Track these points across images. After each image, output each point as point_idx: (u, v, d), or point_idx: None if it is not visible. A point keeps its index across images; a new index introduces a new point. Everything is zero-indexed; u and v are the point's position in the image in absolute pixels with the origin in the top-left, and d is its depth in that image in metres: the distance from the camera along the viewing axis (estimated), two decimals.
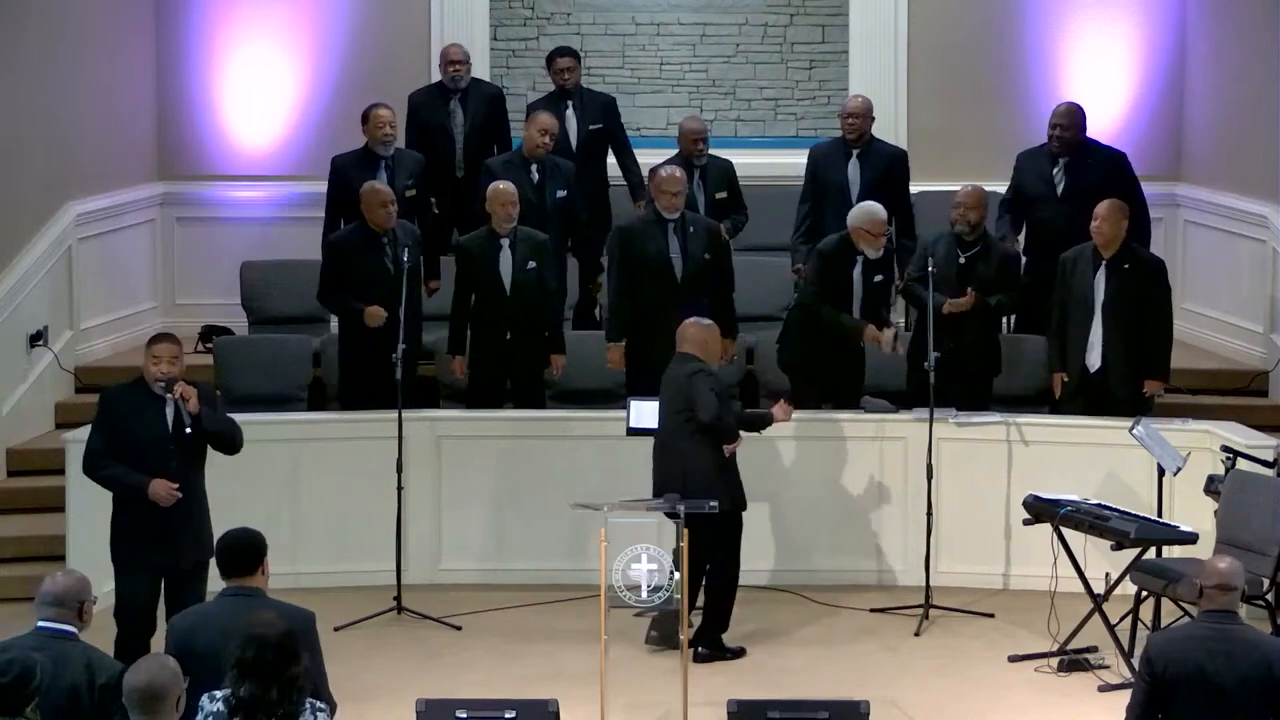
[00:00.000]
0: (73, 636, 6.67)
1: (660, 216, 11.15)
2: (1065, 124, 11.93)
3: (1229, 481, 9.93)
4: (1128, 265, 10.99)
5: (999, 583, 11.01)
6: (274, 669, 6.06)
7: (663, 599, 8.72)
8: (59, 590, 6.72)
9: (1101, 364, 11.03)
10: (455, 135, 12.52)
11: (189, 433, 8.72)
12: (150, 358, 8.79)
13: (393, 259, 11.04)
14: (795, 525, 11.12)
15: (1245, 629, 7.14)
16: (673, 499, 9.32)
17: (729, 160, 12.34)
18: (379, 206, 11.09)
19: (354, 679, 9.02)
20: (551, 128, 11.91)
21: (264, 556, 6.92)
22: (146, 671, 5.96)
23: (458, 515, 11.13)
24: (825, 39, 13.82)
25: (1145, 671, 7.04)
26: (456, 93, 12.53)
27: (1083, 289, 11.04)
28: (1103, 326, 11.00)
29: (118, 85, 13.17)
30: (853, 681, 9.44)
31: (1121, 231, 10.97)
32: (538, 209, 11.62)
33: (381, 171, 11.80)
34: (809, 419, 11.15)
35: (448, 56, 12.57)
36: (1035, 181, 11.97)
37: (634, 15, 13.83)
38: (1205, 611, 7.08)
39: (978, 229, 11.27)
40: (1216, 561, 7.15)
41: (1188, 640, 7.04)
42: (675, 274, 11.13)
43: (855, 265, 11.13)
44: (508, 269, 11.16)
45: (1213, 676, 6.90)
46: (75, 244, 12.58)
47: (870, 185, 11.89)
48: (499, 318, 11.17)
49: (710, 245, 11.23)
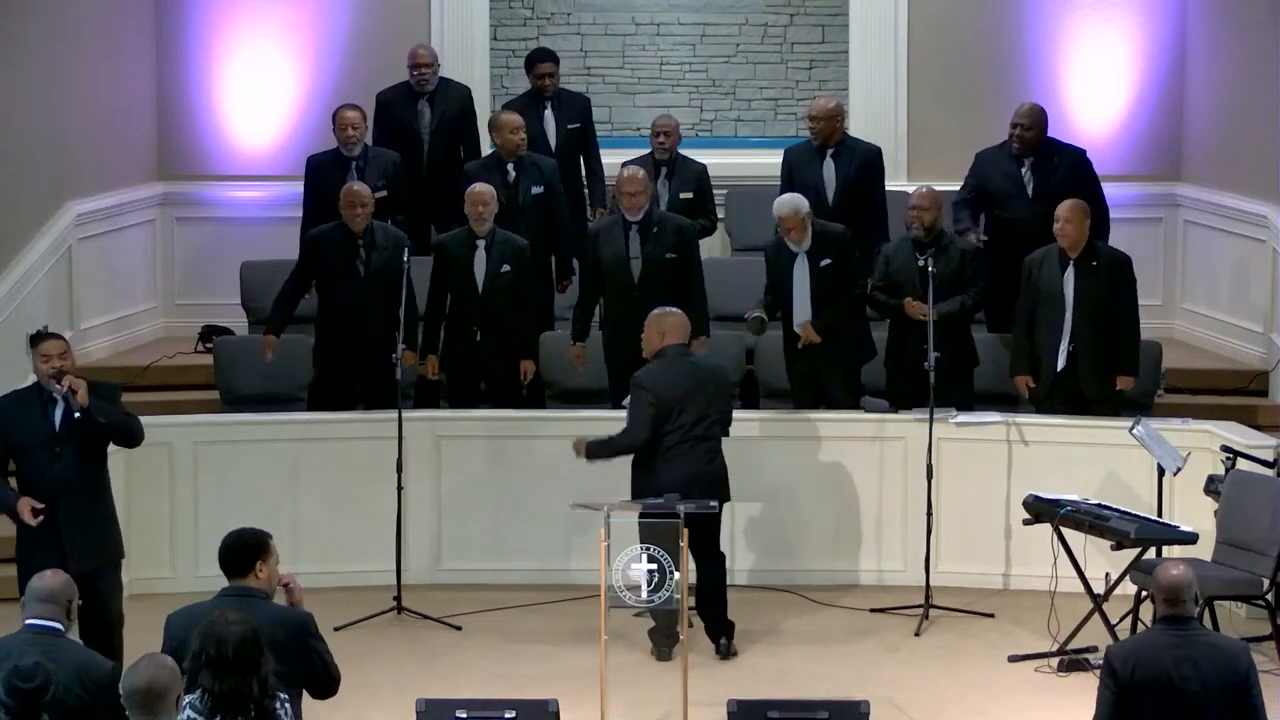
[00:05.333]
0: (61, 634, 6.68)
1: (624, 217, 11.17)
2: (1028, 124, 11.90)
3: (1229, 481, 9.94)
4: (1095, 263, 11.00)
5: (999, 583, 11.01)
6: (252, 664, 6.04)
7: (663, 599, 8.72)
8: (50, 588, 6.74)
9: (1068, 363, 11.02)
10: (422, 135, 12.55)
11: (77, 416, 8.62)
12: (39, 356, 8.79)
13: (365, 260, 11.08)
14: (795, 525, 11.11)
15: (1204, 632, 7.20)
16: (673, 499, 9.31)
17: (704, 165, 12.34)
18: (348, 208, 11.14)
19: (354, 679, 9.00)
20: (519, 124, 11.91)
21: (259, 557, 6.88)
22: (146, 672, 5.96)
23: (458, 515, 11.13)
24: (825, 39, 13.82)
25: (1110, 680, 7.01)
26: (424, 93, 12.56)
27: (1051, 289, 11.03)
28: (1073, 326, 10.99)
29: (118, 85, 13.17)
30: (853, 681, 9.45)
31: (1085, 230, 10.99)
32: (510, 209, 11.62)
33: (353, 172, 11.87)
34: (809, 419, 11.16)
35: (414, 59, 12.59)
36: (1001, 180, 11.93)
37: (634, 15, 13.83)
38: (1161, 619, 7.10)
39: (934, 230, 11.26)
40: (1169, 568, 7.15)
41: (1151, 646, 7.04)
42: (632, 275, 11.11)
43: (794, 260, 11.12)
44: (481, 270, 11.18)
45: (1180, 682, 6.91)
46: (75, 244, 12.58)
47: (845, 184, 11.89)
48: (470, 319, 11.20)
49: (677, 245, 11.19)
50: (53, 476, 8.69)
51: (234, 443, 11.08)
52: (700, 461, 9.80)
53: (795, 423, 11.18)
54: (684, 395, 9.82)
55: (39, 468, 8.72)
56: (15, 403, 8.93)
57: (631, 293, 11.01)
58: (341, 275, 11.17)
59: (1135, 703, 6.95)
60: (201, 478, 10.96)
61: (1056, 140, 12.10)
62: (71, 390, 8.64)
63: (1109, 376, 11.02)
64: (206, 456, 10.98)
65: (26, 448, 8.75)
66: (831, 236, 11.17)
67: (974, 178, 12.06)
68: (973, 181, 12.06)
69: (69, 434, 8.71)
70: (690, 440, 9.79)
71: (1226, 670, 6.94)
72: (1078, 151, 12.06)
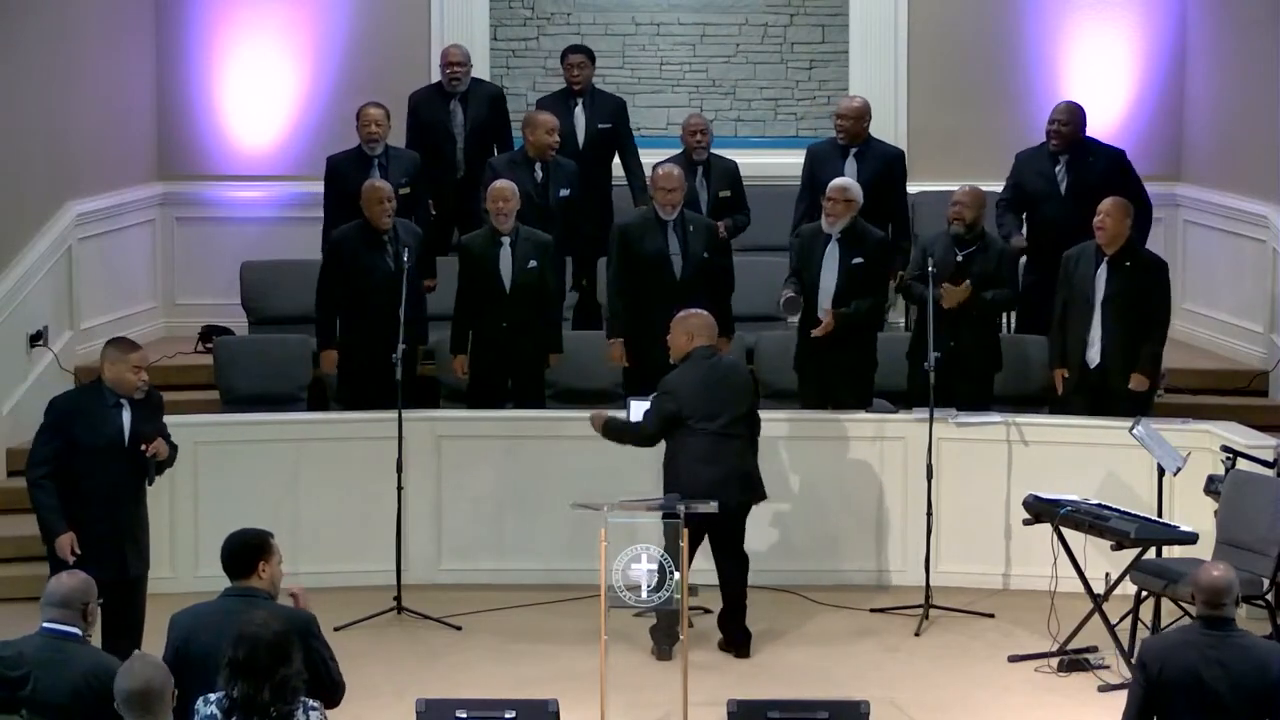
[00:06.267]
0: (77, 638, 6.68)
1: (659, 215, 11.16)
2: (1064, 120, 11.95)
3: (1229, 481, 9.93)
4: (1129, 263, 10.99)
5: (999, 583, 11.01)
6: (267, 669, 6.06)
7: (663, 599, 8.73)
8: (65, 592, 6.73)
9: (1101, 360, 11.03)
10: (456, 135, 12.53)
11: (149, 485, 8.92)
12: (130, 367, 8.85)
13: (393, 256, 11.05)
14: (795, 525, 11.12)
15: (1240, 634, 7.12)
16: (673, 499, 9.32)
17: (734, 161, 12.34)
18: (375, 204, 11.10)
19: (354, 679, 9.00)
20: (556, 126, 11.91)
21: (262, 557, 6.90)
22: (140, 674, 5.96)
23: (458, 515, 11.13)
24: (825, 39, 13.82)
25: (1140, 676, 7.03)
26: (456, 94, 12.54)
27: (1084, 285, 11.04)
28: (1102, 323, 11.00)
29: (118, 85, 13.17)
30: (853, 681, 9.45)
31: (1125, 229, 10.97)
32: (541, 208, 11.62)
33: (374, 170, 11.84)
34: (809, 419, 11.16)
35: (447, 58, 12.57)
36: (1037, 180, 11.97)
37: (634, 15, 13.83)
38: (1202, 618, 7.08)
39: (975, 228, 11.25)
40: (1210, 569, 7.13)
41: (1183, 645, 7.04)
42: (675, 272, 11.14)
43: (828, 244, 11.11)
44: (508, 268, 11.16)
45: (1209, 682, 6.90)
46: (75, 244, 12.58)
47: (867, 185, 11.88)
48: (499, 316, 11.17)
49: (709, 244, 11.24)
50: (115, 482, 8.78)
51: (234, 443, 11.08)
52: (731, 459, 9.84)
53: (795, 423, 11.18)
54: (712, 398, 9.86)
55: (98, 471, 8.77)
56: (83, 403, 8.94)
57: (674, 290, 10.99)
58: (369, 274, 11.10)
59: (1164, 700, 6.95)
60: (201, 478, 10.95)
61: (1094, 140, 12.10)
62: (155, 455, 8.83)
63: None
64: (206, 456, 10.98)
65: (92, 450, 8.78)
66: (870, 237, 11.15)
67: (1013, 178, 12.09)
68: (1011, 182, 12.11)
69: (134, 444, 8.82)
70: (720, 440, 9.83)
71: (1255, 674, 6.91)
72: (1116, 151, 12.07)
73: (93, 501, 8.77)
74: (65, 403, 9.00)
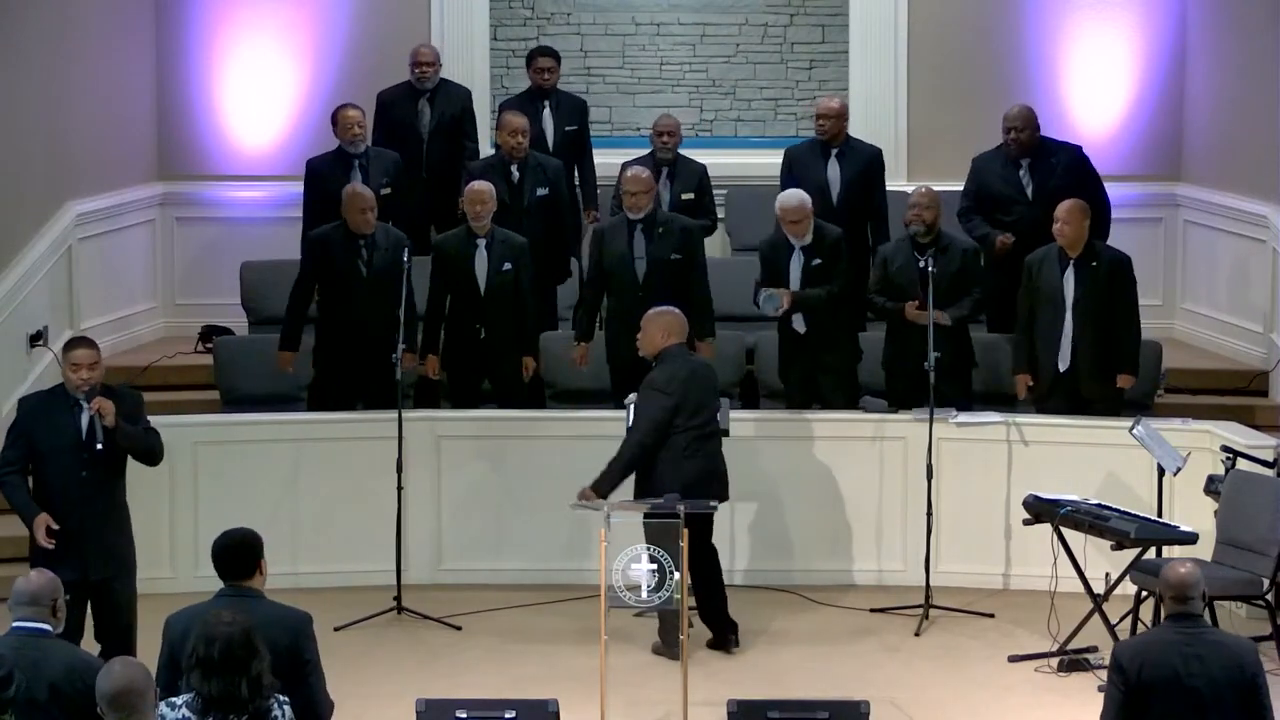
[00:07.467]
0: (49, 635, 6.68)
1: (628, 217, 11.17)
2: (1020, 126, 11.89)
3: (1229, 481, 9.94)
4: (1095, 263, 11.00)
5: (999, 583, 11.01)
6: (242, 663, 6.05)
7: (663, 599, 8.72)
8: (33, 589, 6.72)
9: (1071, 364, 11.02)
10: (422, 134, 12.56)
11: (100, 449, 8.61)
12: (69, 364, 8.66)
13: (366, 261, 11.07)
14: (795, 525, 11.12)
15: (1212, 630, 7.18)
16: (673, 499, 9.32)
17: (704, 165, 12.35)
18: (357, 211, 11.10)
19: (354, 679, 9.02)
20: (521, 127, 11.89)
21: (260, 557, 6.91)
22: (122, 675, 5.94)
23: (458, 515, 11.13)
24: (825, 39, 13.82)
25: (1118, 678, 7.01)
26: (425, 92, 12.56)
27: (1051, 289, 11.02)
28: (1073, 326, 10.99)
29: (118, 85, 13.17)
30: (853, 681, 9.45)
31: (1084, 230, 10.99)
32: (513, 210, 11.62)
33: (356, 171, 11.86)
34: (809, 419, 11.16)
35: (417, 57, 12.61)
36: (1001, 184, 11.91)
37: (634, 15, 13.83)
38: (1169, 617, 7.09)
39: (933, 229, 11.25)
40: (1176, 567, 7.14)
41: (1160, 644, 7.04)
42: (636, 275, 11.11)
43: (792, 254, 11.12)
44: (483, 269, 11.17)
45: (1188, 679, 6.90)
46: (75, 244, 12.59)
47: (849, 185, 11.90)
48: (473, 318, 11.18)
49: (682, 246, 11.18)
50: (75, 483, 8.64)
51: (234, 443, 11.08)
52: (712, 459, 9.86)
53: (795, 423, 11.18)
54: (695, 395, 9.85)
55: (62, 473, 8.66)
56: (42, 406, 8.81)
57: (636, 292, 10.99)
58: (343, 276, 11.15)
59: (1143, 701, 6.94)
60: (201, 478, 10.95)
61: (1051, 139, 12.09)
62: (100, 413, 8.57)
63: (1109, 376, 11.01)
64: (206, 456, 10.98)
65: (52, 452, 8.68)
66: (826, 237, 11.18)
67: (973, 183, 12.04)
68: (972, 187, 12.04)
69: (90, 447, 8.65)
70: (700, 439, 9.82)
71: (1234, 669, 6.93)
72: (1073, 148, 12.05)
73: (54, 502, 8.64)
74: (29, 403, 8.89)
